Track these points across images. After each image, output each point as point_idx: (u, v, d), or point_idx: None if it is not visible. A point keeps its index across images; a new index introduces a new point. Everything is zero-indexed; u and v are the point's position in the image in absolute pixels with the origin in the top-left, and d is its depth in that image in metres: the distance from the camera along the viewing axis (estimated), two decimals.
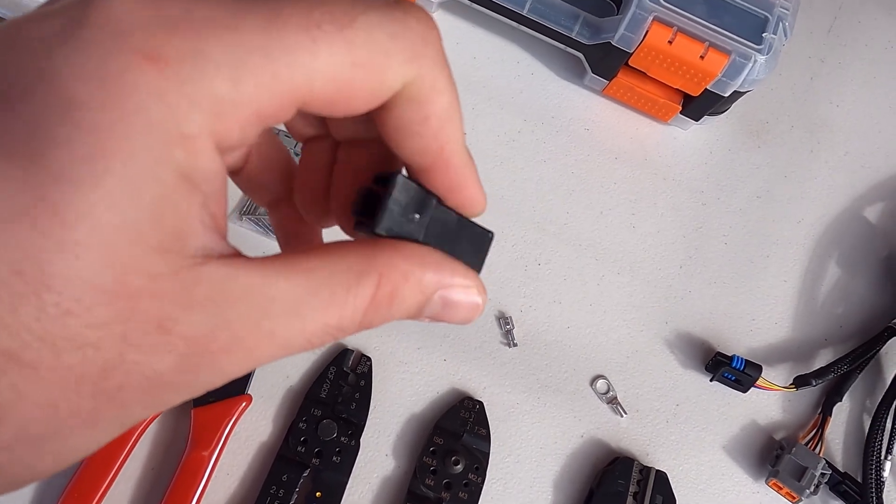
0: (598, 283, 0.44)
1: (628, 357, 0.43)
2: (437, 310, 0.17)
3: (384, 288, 0.16)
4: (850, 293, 0.47)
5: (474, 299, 0.17)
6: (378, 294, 0.16)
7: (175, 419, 0.38)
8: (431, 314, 0.17)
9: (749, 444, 0.43)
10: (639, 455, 0.41)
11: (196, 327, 0.14)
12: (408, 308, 0.16)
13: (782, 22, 0.43)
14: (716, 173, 0.49)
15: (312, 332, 0.15)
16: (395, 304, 0.16)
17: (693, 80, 0.43)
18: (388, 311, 0.16)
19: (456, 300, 0.17)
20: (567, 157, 0.47)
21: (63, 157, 0.12)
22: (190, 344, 0.14)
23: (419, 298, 0.16)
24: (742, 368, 0.41)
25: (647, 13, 0.41)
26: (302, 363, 0.40)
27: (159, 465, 0.37)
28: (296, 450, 0.37)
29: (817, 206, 0.49)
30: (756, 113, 0.51)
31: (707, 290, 0.46)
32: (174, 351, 0.14)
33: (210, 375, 0.14)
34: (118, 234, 0.12)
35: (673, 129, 0.49)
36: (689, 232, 0.47)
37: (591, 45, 0.44)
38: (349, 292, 0.15)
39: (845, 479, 0.41)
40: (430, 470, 0.38)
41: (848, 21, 0.55)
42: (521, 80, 0.49)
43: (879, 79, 0.53)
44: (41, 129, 0.12)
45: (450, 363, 0.41)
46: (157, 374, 0.14)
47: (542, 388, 0.42)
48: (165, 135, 0.13)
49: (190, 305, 0.14)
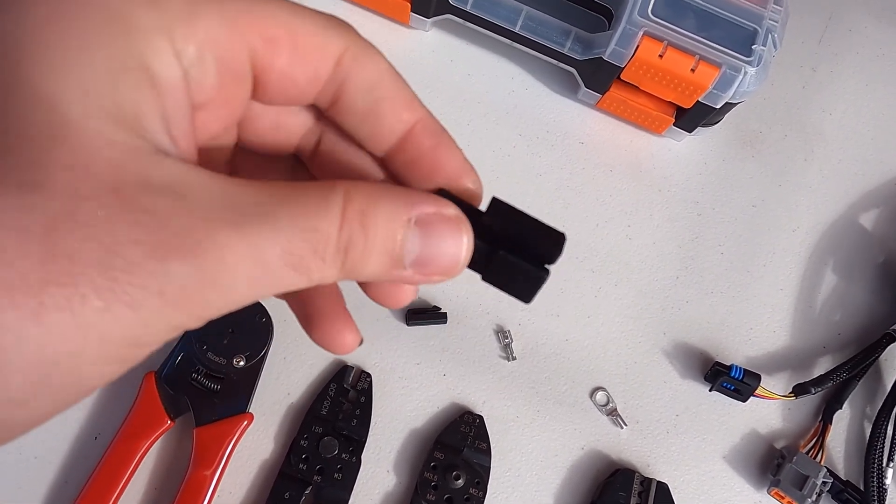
0: (595, 295, 0.45)
1: (627, 368, 0.43)
2: (417, 242, 0.16)
3: (353, 205, 0.15)
4: (847, 300, 0.47)
5: (448, 212, 0.17)
6: (348, 210, 0.15)
7: (177, 439, 0.38)
8: (413, 252, 0.16)
9: (750, 453, 0.43)
10: (640, 466, 0.41)
11: (159, 206, 0.14)
12: (384, 238, 0.16)
13: (771, 34, 0.43)
14: (710, 183, 0.49)
15: (288, 239, 0.15)
16: (370, 229, 0.16)
17: (685, 93, 0.43)
18: (363, 236, 0.16)
19: (433, 222, 0.16)
20: (562, 170, 0.48)
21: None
22: (154, 220, 0.13)
23: (392, 224, 0.16)
24: (741, 378, 0.41)
25: (637, 28, 0.42)
26: (302, 380, 0.41)
27: (162, 485, 0.37)
28: (297, 467, 0.38)
29: (812, 213, 0.49)
30: (749, 123, 0.51)
31: (704, 299, 0.46)
32: (139, 223, 0.13)
33: (179, 264, 0.14)
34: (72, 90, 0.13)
35: (667, 141, 0.50)
36: (685, 242, 0.47)
37: (583, 60, 0.45)
38: (319, 204, 0.15)
39: (847, 488, 0.41)
40: (432, 485, 0.38)
41: (838, 30, 0.55)
42: (516, 95, 0.49)
43: (871, 86, 0.54)
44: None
45: (449, 378, 0.42)
46: (114, 242, 0.13)
47: (542, 401, 0.42)
48: (125, 24, 0.14)
49: (147, 185, 0.14)
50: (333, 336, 0.20)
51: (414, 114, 0.18)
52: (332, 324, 0.20)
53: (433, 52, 0.49)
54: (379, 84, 0.18)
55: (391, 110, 0.18)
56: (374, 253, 0.16)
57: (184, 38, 0.15)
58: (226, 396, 0.38)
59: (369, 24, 0.49)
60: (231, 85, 0.17)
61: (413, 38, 0.50)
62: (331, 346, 0.21)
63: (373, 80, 0.18)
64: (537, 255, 0.17)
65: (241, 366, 0.39)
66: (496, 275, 0.18)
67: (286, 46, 0.17)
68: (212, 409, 0.38)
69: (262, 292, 0.15)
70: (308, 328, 0.21)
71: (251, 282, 0.15)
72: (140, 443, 0.36)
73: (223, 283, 0.14)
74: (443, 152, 0.18)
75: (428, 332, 0.42)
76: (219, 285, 0.14)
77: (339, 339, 0.20)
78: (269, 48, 0.16)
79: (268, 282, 0.15)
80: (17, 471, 0.37)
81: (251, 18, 0.16)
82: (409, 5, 0.47)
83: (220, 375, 0.38)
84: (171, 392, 0.38)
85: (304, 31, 0.17)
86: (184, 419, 0.38)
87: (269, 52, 0.16)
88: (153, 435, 0.37)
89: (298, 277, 0.15)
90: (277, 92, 0.18)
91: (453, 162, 0.18)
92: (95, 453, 0.37)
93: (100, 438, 0.38)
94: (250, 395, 0.39)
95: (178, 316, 0.14)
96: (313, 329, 0.21)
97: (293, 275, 0.15)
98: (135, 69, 0.14)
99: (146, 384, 0.38)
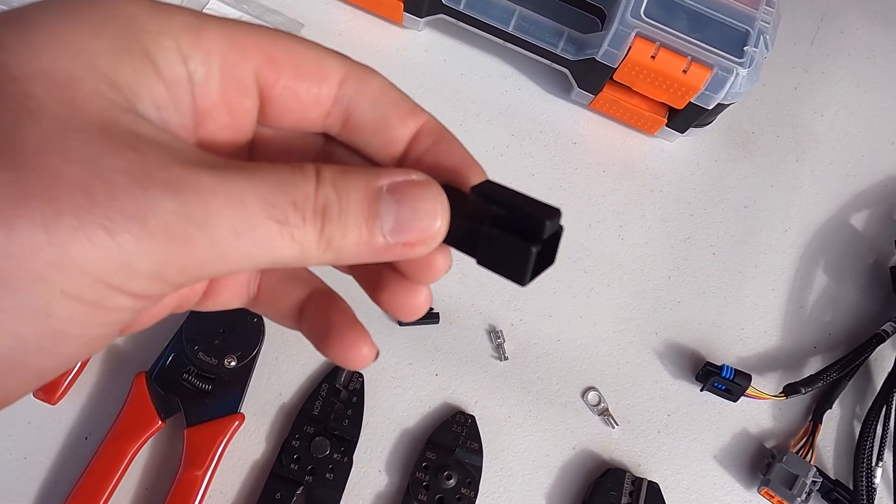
0: (587, 295, 0.45)
1: (619, 368, 0.44)
2: (393, 207, 0.16)
3: (324, 173, 0.16)
4: (838, 301, 0.48)
5: (417, 176, 0.17)
6: (321, 176, 0.16)
7: (168, 439, 0.38)
8: (389, 217, 0.16)
9: (740, 453, 0.43)
10: (631, 466, 0.41)
11: (144, 149, 0.14)
12: (357, 202, 0.16)
13: (763, 35, 0.43)
14: (703, 184, 0.49)
15: (268, 189, 0.15)
16: (342, 194, 0.16)
17: (677, 94, 0.43)
18: (337, 200, 0.16)
19: (404, 187, 0.17)
20: (555, 170, 0.48)
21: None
22: (139, 157, 0.14)
23: (365, 191, 0.16)
24: (732, 378, 0.42)
25: (629, 29, 0.42)
26: (294, 380, 0.41)
27: (153, 486, 0.37)
28: (289, 467, 0.38)
29: (804, 214, 0.50)
30: (741, 124, 0.51)
31: (696, 300, 0.46)
32: (125, 157, 0.14)
33: (162, 196, 0.14)
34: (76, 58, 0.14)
35: (659, 142, 0.50)
36: (677, 242, 0.47)
37: (576, 60, 0.45)
38: (294, 170, 0.15)
39: (836, 487, 0.41)
40: (423, 485, 0.38)
41: (831, 31, 0.56)
42: (509, 95, 0.49)
43: (863, 87, 0.54)
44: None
45: (441, 378, 0.42)
46: (100, 167, 0.13)
47: (534, 401, 0.42)
48: (134, 24, 0.15)
49: (135, 133, 0.14)
50: (349, 350, 0.20)
51: (419, 119, 0.19)
52: (346, 338, 0.20)
53: (426, 52, 0.49)
54: (383, 97, 0.19)
55: (398, 119, 0.19)
56: (350, 217, 0.16)
57: (189, 45, 0.16)
58: (217, 397, 0.38)
59: (363, 23, 0.49)
60: (236, 96, 0.17)
61: (406, 37, 0.50)
62: (346, 360, 0.20)
63: (377, 94, 0.19)
64: (527, 229, 0.16)
65: (232, 366, 0.39)
66: (487, 254, 0.17)
67: (288, 66, 0.18)
68: (203, 409, 0.38)
69: (249, 250, 0.15)
70: (322, 345, 0.21)
71: (235, 232, 0.14)
72: (131, 443, 0.36)
73: (207, 226, 0.14)
74: (445, 148, 0.19)
75: (420, 332, 0.43)
76: (203, 229, 0.14)
77: (355, 352, 0.20)
78: (272, 66, 0.17)
79: (252, 236, 0.15)
80: (7, 470, 0.37)
81: (255, 40, 0.17)
82: (402, 5, 0.47)
83: (211, 376, 0.38)
84: (162, 392, 0.38)
85: (304, 54, 0.18)
86: (175, 419, 0.38)
87: (272, 69, 0.17)
88: (144, 435, 0.37)
89: (281, 234, 0.15)
90: (284, 112, 0.18)
91: (456, 157, 0.19)
92: (86, 453, 0.37)
93: (90, 438, 0.38)
94: (242, 396, 0.39)
95: (158, 254, 0.14)
96: (328, 344, 0.20)
97: (276, 228, 0.15)
98: (138, 56, 0.15)
99: (137, 384, 0.37)
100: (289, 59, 0.18)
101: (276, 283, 0.21)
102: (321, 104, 0.18)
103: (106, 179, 0.13)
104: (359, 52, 0.49)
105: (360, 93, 0.18)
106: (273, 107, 0.18)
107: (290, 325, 0.21)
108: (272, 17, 0.48)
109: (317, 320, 0.21)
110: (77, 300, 0.14)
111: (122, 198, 0.13)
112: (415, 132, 0.19)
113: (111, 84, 0.15)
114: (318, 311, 0.21)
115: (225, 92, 0.17)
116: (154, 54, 0.15)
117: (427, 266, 0.19)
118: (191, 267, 0.15)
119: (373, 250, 0.16)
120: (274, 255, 0.15)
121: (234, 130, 0.18)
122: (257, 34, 0.17)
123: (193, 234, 0.14)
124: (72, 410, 0.38)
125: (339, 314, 0.21)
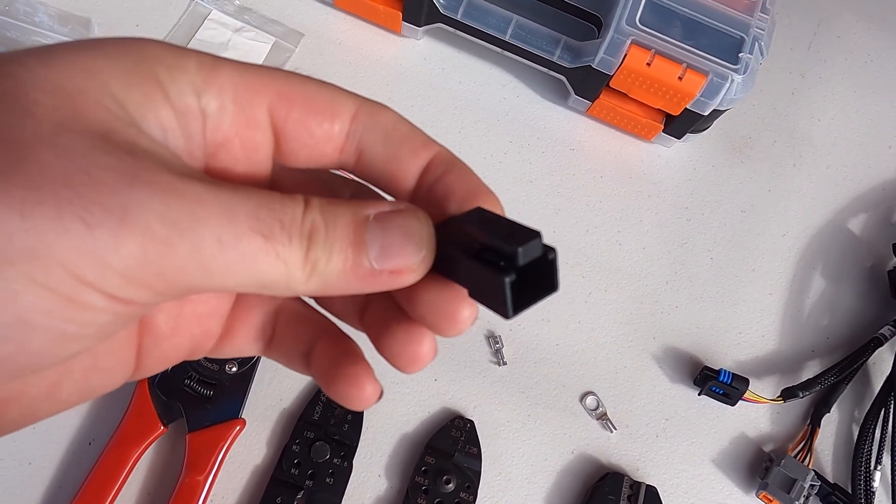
0: (585, 300, 0.45)
1: (617, 373, 0.44)
2: (379, 234, 0.16)
3: (312, 202, 0.16)
4: (835, 304, 0.48)
5: (402, 205, 0.17)
6: (309, 204, 0.16)
7: (170, 445, 0.39)
8: (375, 243, 0.16)
9: (738, 457, 0.43)
10: (629, 470, 0.42)
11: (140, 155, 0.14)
12: (344, 227, 0.16)
13: (758, 41, 0.44)
14: (700, 189, 0.50)
15: (257, 205, 0.15)
16: (329, 220, 0.16)
17: (673, 101, 0.44)
18: (323, 225, 0.16)
19: (390, 216, 0.17)
20: (553, 176, 0.48)
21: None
22: (132, 159, 0.14)
23: (352, 218, 0.16)
24: (729, 382, 0.42)
25: (625, 37, 0.42)
26: (294, 386, 0.41)
27: (155, 491, 0.38)
28: (289, 472, 0.38)
29: (801, 218, 0.50)
30: (738, 129, 0.52)
31: (694, 304, 0.46)
32: (116, 157, 0.14)
33: (147, 195, 0.14)
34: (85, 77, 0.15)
35: (656, 147, 0.50)
36: (675, 247, 0.48)
37: (572, 68, 0.46)
38: (283, 197, 0.16)
39: (835, 490, 0.42)
40: (423, 489, 0.39)
41: (827, 37, 0.56)
42: (507, 102, 0.50)
43: (859, 92, 0.54)
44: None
45: (440, 383, 0.42)
46: (88, 164, 0.14)
47: (533, 406, 0.42)
48: (150, 56, 0.16)
49: (132, 143, 0.15)
50: (350, 389, 0.19)
51: (430, 151, 0.19)
52: (349, 377, 0.19)
53: (425, 60, 0.50)
54: (395, 130, 0.19)
55: (409, 152, 0.19)
56: (337, 242, 0.16)
57: (202, 81, 0.16)
58: (218, 402, 0.39)
59: (362, 32, 0.50)
60: (249, 130, 0.18)
61: (405, 46, 0.50)
62: (348, 399, 0.19)
63: (389, 127, 0.19)
64: (503, 259, 0.16)
65: (233, 372, 0.39)
66: (475, 286, 0.17)
67: (300, 102, 0.18)
68: (204, 414, 0.38)
69: (232, 263, 0.15)
70: (326, 386, 0.20)
71: (220, 242, 0.14)
72: (133, 448, 0.37)
73: (191, 232, 0.14)
74: (456, 177, 0.19)
75: None
76: (186, 234, 0.14)
77: (357, 391, 0.19)
78: (284, 102, 0.18)
79: (237, 248, 0.15)
80: (11, 476, 0.37)
81: (267, 78, 0.18)
82: (401, 14, 0.47)
83: (212, 381, 0.39)
84: (163, 398, 0.38)
85: (315, 92, 0.18)
86: (176, 425, 0.39)
87: (284, 105, 0.18)
88: (146, 440, 0.37)
89: (266, 250, 0.15)
90: (298, 148, 0.19)
91: (466, 184, 0.19)
92: (89, 459, 0.37)
93: (94, 444, 0.38)
94: (242, 401, 0.39)
95: (136, 253, 0.14)
96: (330, 385, 0.20)
97: (261, 243, 0.15)
98: (150, 83, 0.16)
99: (139, 390, 0.38)
100: (301, 96, 0.18)
101: (288, 325, 0.21)
102: (334, 140, 0.19)
103: (92, 175, 0.13)
104: (358, 62, 0.50)
105: (371, 128, 0.19)
106: (287, 142, 0.18)
107: (301, 368, 0.21)
108: (272, 27, 0.49)
109: (323, 362, 0.20)
110: (46, 290, 0.13)
111: (106, 192, 0.13)
112: (426, 163, 0.19)
113: (118, 102, 0.15)
114: (325, 353, 0.20)
115: (238, 126, 0.17)
116: (166, 85, 0.16)
117: (450, 315, 0.18)
118: (170, 272, 0.14)
119: (359, 277, 0.16)
120: (258, 272, 0.15)
121: (248, 166, 0.18)
122: (270, 73, 0.18)
123: (175, 237, 0.14)
124: (75, 416, 0.39)
125: (346, 355, 0.20)
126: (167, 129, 0.16)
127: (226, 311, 0.21)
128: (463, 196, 0.18)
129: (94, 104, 0.15)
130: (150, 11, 0.48)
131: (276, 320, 0.21)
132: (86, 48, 0.15)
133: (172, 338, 0.20)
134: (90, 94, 0.15)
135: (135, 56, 0.16)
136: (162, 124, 0.16)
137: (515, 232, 0.16)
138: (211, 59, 0.17)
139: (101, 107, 0.15)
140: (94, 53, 0.15)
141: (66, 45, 0.15)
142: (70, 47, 0.15)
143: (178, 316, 0.20)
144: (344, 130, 0.19)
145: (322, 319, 0.21)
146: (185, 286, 0.15)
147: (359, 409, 0.19)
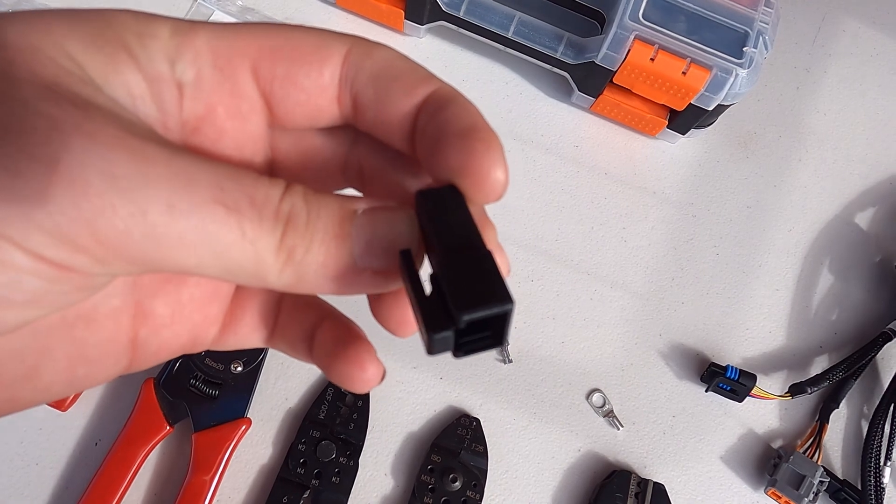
0: (591, 297, 0.45)
1: (623, 370, 0.44)
2: (366, 227, 0.15)
3: (295, 186, 0.15)
4: (843, 299, 0.47)
5: (391, 202, 0.16)
6: (290, 187, 0.15)
7: (176, 444, 0.39)
8: (360, 237, 0.15)
9: (746, 453, 0.43)
10: (636, 468, 0.41)
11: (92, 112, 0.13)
12: (328, 216, 0.15)
13: (762, 36, 0.43)
14: (705, 185, 0.49)
15: (224, 177, 0.13)
16: (312, 206, 0.15)
17: (677, 96, 0.43)
18: (305, 209, 0.14)
19: (377, 210, 0.15)
20: (557, 173, 0.48)
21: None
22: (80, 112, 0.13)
23: (339, 210, 0.15)
24: (737, 378, 0.42)
25: (628, 32, 0.42)
26: (300, 385, 0.41)
27: (161, 490, 0.38)
28: (295, 471, 0.38)
29: (807, 213, 0.50)
30: (743, 124, 0.51)
31: (700, 301, 0.46)
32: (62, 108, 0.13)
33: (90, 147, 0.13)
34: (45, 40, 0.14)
35: (661, 143, 0.50)
36: (681, 244, 0.47)
37: (575, 64, 0.45)
38: (259, 176, 0.14)
39: (844, 487, 0.41)
40: (429, 488, 0.39)
41: (832, 31, 0.56)
42: (510, 100, 0.50)
43: (865, 86, 0.54)
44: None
45: (446, 381, 0.42)
46: (28, 112, 0.13)
47: (539, 404, 0.42)
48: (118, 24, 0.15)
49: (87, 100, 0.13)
50: (351, 369, 0.18)
51: (428, 87, 0.17)
52: (349, 356, 0.18)
53: (427, 59, 0.50)
54: (389, 68, 0.17)
55: (402, 89, 0.16)
56: (319, 232, 0.14)
57: (176, 47, 0.15)
58: (224, 402, 0.38)
59: (365, 31, 0.50)
60: (234, 98, 0.16)
61: (408, 44, 0.50)
62: (350, 382, 0.18)
63: (380, 66, 0.17)
64: (445, 306, 0.14)
65: (238, 371, 0.39)
66: (416, 299, 0.15)
67: (284, 53, 0.16)
68: (210, 414, 0.38)
69: (187, 234, 0.13)
70: (328, 369, 0.19)
71: (170, 207, 0.13)
72: (140, 448, 0.37)
73: (135, 192, 0.12)
74: (450, 112, 0.16)
75: None
76: (128, 193, 0.12)
77: (358, 371, 0.18)
78: (267, 57, 0.16)
79: (192, 217, 0.13)
80: (19, 476, 0.37)
81: (247, 34, 0.16)
82: (403, 12, 0.47)
83: (218, 381, 0.39)
84: (169, 398, 0.38)
85: (301, 39, 0.16)
86: (182, 425, 0.39)
87: (268, 60, 0.16)
88: (152, 440, 0.37)
89: (228, 224, 0.13)
90: (292, 106, 0.17)
91: (461, 121, 0.16)
92: (96, 459, 0.37)
93: (100, 444, 0.38)
94: (248, 401, 0.39)
95: (66, 208, 0.12)
96: (332, 368, 0.19)
97: (222, 214, 0.13)
98: (116, 48, 0.14)
99: (145, 390, 0.38)
100: (285, 46, 0.16)
101: (291, 311, 0.20)
102: (326, 89, 0.17)
103: (25, 121, 0.12)
104: None
105: (363, 69, 0.16)
106: (278, 104, 0.17)
107: (303, 356, 0.20)
108: None
109: (325, 345, 0.19)
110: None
111: (36, 140, 0.12)
112: (421, 101, 0.16)
113: (74, 61, 0.14)
114: (327, 336, 0.19)
115: (220, 94, 0.16)
116: (136, 51, 0.15)
117: (401, 315, 0.17)
118: (111, 237, 0.13)
119: (339, 274, 0.15)
120: (220, 251, 0.13)
121: (238, 141, 0.17)
122: (250, 29, 0.16)
123: (115, 196, 0.12)
124: (82, 417, 0.39)
125: (347, 336, 0.19)
126: (136, 96, 0.15)
127: (227, 295, 0.20)
128: (455, 136, 0.15)
129: (46, 59, 0.13)
130: (153, 12, 0.48)
131: (280, 307, 0.20)
132: (50, 13, 0.14)
133: (172, 325, 0.18)
134: (44, 51, 0.13)
135: (100, 23, 0.15)
136: (130, 90, 0.15)
137: (480, 278, 0.14)
138: (187, 24, 0.16)
139: (54, 63, 0.13)
140: (58, 18, 0.14)
141: (32, 11, 0.14)
142: (34, 12, 0.14)
143: (178, 301, 0.18)
144: (336, 76, 0.17)
145: (324, 304, 0.20)
146: (134, 257, 0.13)
147: (361, 391, 0.18)
